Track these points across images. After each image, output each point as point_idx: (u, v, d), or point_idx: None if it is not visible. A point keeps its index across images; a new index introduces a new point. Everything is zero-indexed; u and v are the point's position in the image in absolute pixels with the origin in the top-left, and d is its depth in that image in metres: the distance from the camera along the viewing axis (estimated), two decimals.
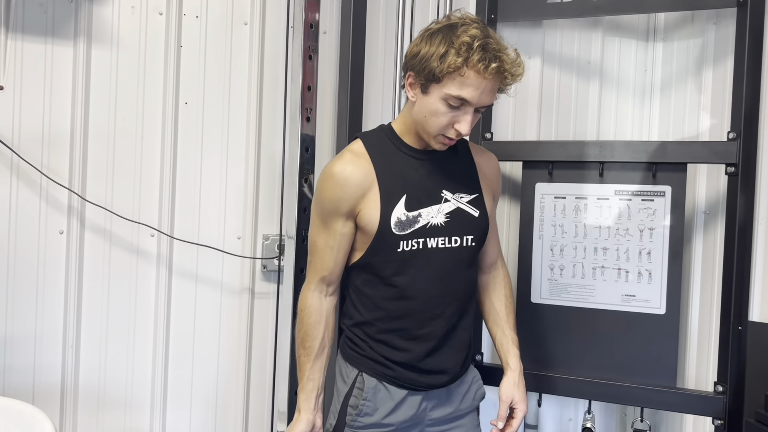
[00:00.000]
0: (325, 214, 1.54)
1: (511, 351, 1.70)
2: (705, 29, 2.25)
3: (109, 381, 2.06)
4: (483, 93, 1.43)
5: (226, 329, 2.16)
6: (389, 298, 1.56)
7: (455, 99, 1.43)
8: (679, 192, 2.04)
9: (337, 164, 1.53)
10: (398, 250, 1.52)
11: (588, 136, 2.41)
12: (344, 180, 1.51)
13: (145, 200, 2.07)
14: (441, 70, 1.41)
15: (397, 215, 1.51)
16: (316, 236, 1.57)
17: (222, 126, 2.13)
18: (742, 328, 1.94)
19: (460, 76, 1.40)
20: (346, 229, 1.54)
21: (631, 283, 2.09)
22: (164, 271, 2.10)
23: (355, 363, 1.60)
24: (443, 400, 1.64)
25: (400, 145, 1.58)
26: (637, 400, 2.06)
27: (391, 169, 1.54)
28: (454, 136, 1.50)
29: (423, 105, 1.49)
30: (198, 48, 2.10)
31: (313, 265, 1.59)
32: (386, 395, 1.58)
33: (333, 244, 1.55)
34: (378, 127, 1.66)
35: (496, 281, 1.77)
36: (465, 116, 1.46)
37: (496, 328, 1.74)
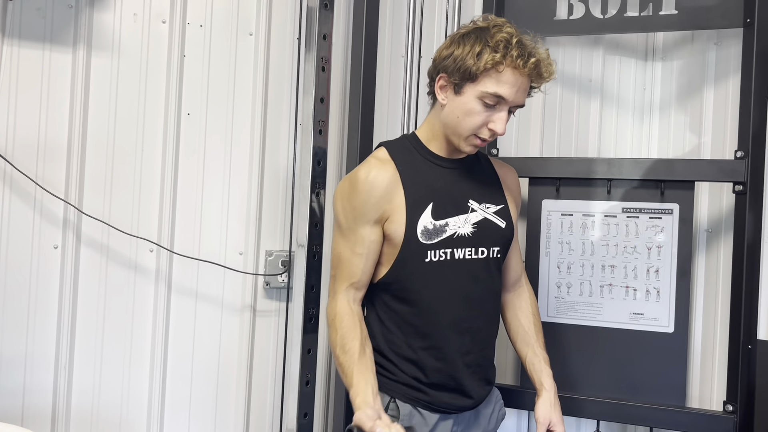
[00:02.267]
0: (352, 221, 1.49)
1: (545, 371, 1.67)
2: (706, 49, 2.27)
3: (104, 403, 1.96)
4: (519, 91, 1.44)
5: (227, 349, 2.09)
6: (418, 313, 1.52)
7: (492, 96, 1.42)
8: (687, 210, 2.04)
9: (362, 169, 1.50)
10: (426, 261, 1.48)
11: (589, 153, 2.41)
12: (371, 184, 1.47)
13: (144, 214, 2.00)
14: (478, 67, 1.40)
15: (424, 223, 1.48)
16: (341, 247, 1.52)
17: (225, 138, 2.07)
18: (752, 346, 1.94)
19: (498, 72, 1.40)
20: (374, 236, 1.49)
21: (639, 301, 2.08)
22: (163, 288, 2.02)
23: (386, 389, 1.54)
24: (471, 423, 1.60)
25: (425, 153, 1.55)
26: (645, 420, 2.04)
27: (417, 176, 1.51)
28: (488, 137, 1.48)
29: (456, 106, 1.46)
30: (201, 58, 2.05)
31: (340, 275, 1.53)
32: (421, 421, 1.52)
33: (361, 252, 1.50)
34: (401, 136, 1.63)
35: (522, 299, 1.74)
36: (500, 115, 1.45)
37: (526, 348, 1.70)
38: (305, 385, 1.78)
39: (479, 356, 1.58)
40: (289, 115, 2.12)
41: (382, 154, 1.54)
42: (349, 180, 1.52)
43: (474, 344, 1.56)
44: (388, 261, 1.51)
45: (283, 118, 2.11)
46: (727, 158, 2.13)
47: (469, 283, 1.53)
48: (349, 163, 1.86)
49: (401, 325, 1.53)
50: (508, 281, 1.72)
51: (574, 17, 2.17)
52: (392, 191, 1.48)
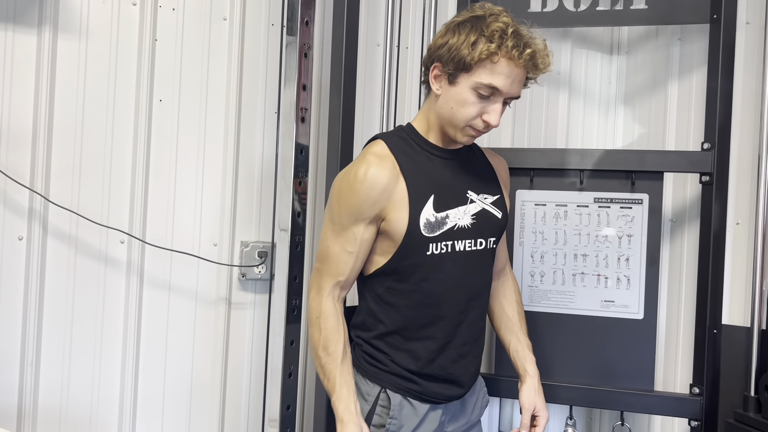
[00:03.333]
0: (345, 219, 1.46)
1: (528, 357, 1.68)
2: (670, 44, 2.34)
3: (73, 401, 1.88)
4: (514, 82, 1.41)
5: (201, 342, 2.03)
6: (416, 306, 1.50)
7: (486, 87, 1.40)
8: (656, 200, 2.10)
9: (361, 167, 1.45)
10: (427, 254, 1.46)
11: (558, 143, 2.46)
12: (369, 183, 1.43)
13: (114, 203, 1.92)
14: (472, 57, 1.38)
15: (426, 216, 1.46)
16: (331, 242, 1.49)
17: (198, 126, 2.01)
18: (717, 331, 2.02)
19: (492, 63, 1.38)
20: (368, 234, 1.47)
21: (611, 289, 2.13)
22: (135, 281, 1.94)
23: (377, 379, 1.52)
24: (458, 412, 1.60)
25: (424, 145, 1.53)
26: (616, 404, 2.09)
27: (417, 169, 1.49)
28: (482, 128, 1.46)
29: (450, 96, 1.45)
30: (174, 43, 1.98)
31: (327, 271, 1.50)
32: (411, 411, 1.52)
33: (352, 250, 1.47)
34: (396, 127, 1.61)
35: (506, 287, 1.75)
36: (494, 106, 1.43)
37: (509, 335, 1.71)
38: (288, 377, 1.75)
39: (473, 347, 1.58)
40: (264, 103, 2.07)
41: (380, 149, 1.50)
42: (347, 176, 1.48)
43: (470, 335, 1.56)
44: (386, 253, 1.49)
45: (258, 105, 2.06)
46: (692, 150, 2.21)
47: (468, 275, 1.53)
48: (330, 152, 1.83)
49: (396, 317, 1.52)
50: (495, 270, 1.73)
51: (548, 9, 2.20)
52: (392, 188, 1.45)
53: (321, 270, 1.52)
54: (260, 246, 2.03)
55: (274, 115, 2.08)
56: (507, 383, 2.07)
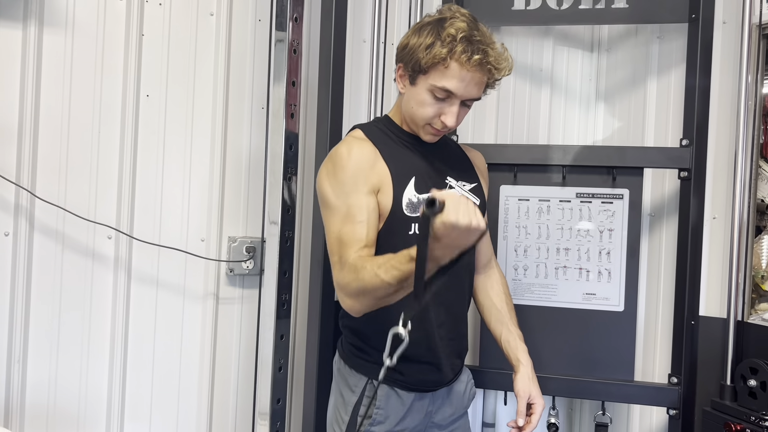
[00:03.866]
0: (344, 196, 1.43)
1: (520, 347, 1.70)
2: (649, 42, 2.39)
3: (60, 397, 1.87)
4: (468, 85, 1.44)
5: (189, 337, 2.04)
6: None
7: (440, 90, 1.43)
8: (637, 195, 2.15)
9: (342, 146, 1.48)
10: (409, 233, 1.49)
11: (540, 140, 2.50)
12: (356, 157, 1.45)
13: (102, 199, 1.91)
14: (426, 61, 1.42)
15: (408, 196, 1.49)
16: (339, 225, 1.43)
17: (186, 121, 2.01)
18: (695, 322, 2.08)
19: (444, 67, 1.41)
20: (372, 203, 1.44)
21: (592, 282, 2.18)
22: (123, 276, 1.94)
23: (364, 371, 1.55)
24: (445, 401, 1.63)
25: (401, 134, 1.57)
26: (598, 395, 2.14)
27: (396, 153, 1.52)
28: (440, 128, 1.50)
29: (411, 96, 1.49)
30: (161, 37, 1.97)
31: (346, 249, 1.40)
32: (397, 401, 1.54)
33: (362, 219, 1.42)
34: (374, 119, 1.63)
35: (493, 279, 1.78)
36: (451, 108, 1.46)
37: (500, 327, 1.74)
38: (278, 371, 1.77)
39: (452, 329, 1.61)
40: (251, 99, 2.08)
41: (358, 134, 1.54)
42: (331, 159, 1.49)
43: (447, 316, 1.58)
44: None
45: (245, 101, 2.06)
46: (670, 146, 2.26)
47: None
48: (318, 148, 1.85)
49: None
50: (479, 263, 1.76)
51: (531, 8, 2.23)
52: (376, 165, 1.48)
53: (340, 256, 1.42)
54: (248, 241, 2.04)
55: (261, 111, 2.09)
56: (491, 375, 2.11)
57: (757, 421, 1.81)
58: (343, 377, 1.58)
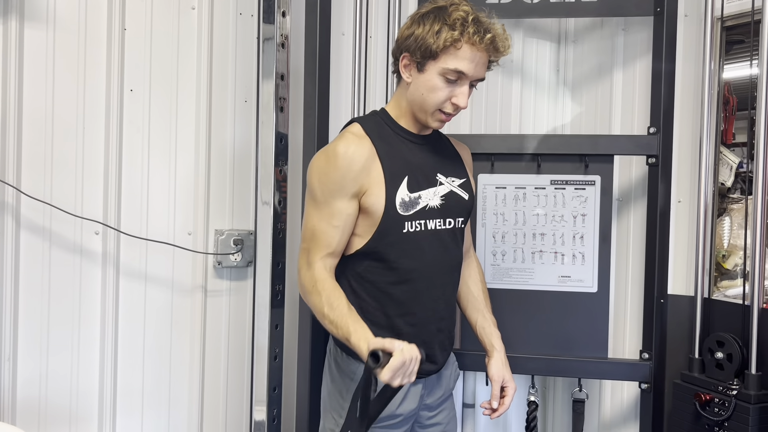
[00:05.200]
0: (328, 195, 1.52)
1: (494, 333, 1.78)
2: (614, 34, 2.49)
3: (52, 393, 1.87)
4: (477, 65, 1.52)
5: (178, 330, 2.05)
6: (395, 283, 1.58)
7: (453, 72, 1.50)
8: (608, 181, 2.25)
9: (340, 144, 1.52)
10: (404, 231, 1.55)
11: (512, 129, 2.58)
12: (350, 159, 1.50)
13: (88, 194, 1.91)
14: (437, 45, 1.48)
15: (401, 196, 1.54)
16: (316, 220, 1.54)
17: (170, 116, 2.02)
18: (664, 300, 2.20)
19: (456, 49, 1.48)
20: (351, 209, 1.53)
21: (567, 265, 2.27)
22: (111, 272, 1.94)
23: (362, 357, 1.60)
24: (435, 385, 1.69)
25: (397, 129, 1.61)
26: (575, 372, 2.25)
27: (392, 151, 1.57)
28: (452, 111, 1.56)
29: (420, 83, 1.54)
30: (143, 32, 1.97)
31: (316, 247, 1.54)
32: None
33: (338, 224, 1.52)
34: (371, 112, 1.68)
35: (471, 268, 1.85)
36: (462, 89, 1.53)
37: (476, 313, 1.81)
38: (274, 360, 1.80)
39: (448, 322, 1.68)
40: (234, 92, 2.09)
41: (357, 130, 1.58)
42: (326, 154, 1.54)
43: (446, 310, 1.66)
44: (366, 233, 1.56)
45: (229, 94, 2.08)
46: (636, 134, 2.37)
47: (441, 252, 1.62)
48: (306, 140, 1.88)
49: (377, 295, 1.59)
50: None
51: (505, 1, 2.30)
52: (370, 165, 1.53)
53: (309, 248, 1.56)
54: (235, 234, 2.06)
55: (245, 104, 2.10)
56: (472, 357, 2.18)
57: (724, 391, 1.94)
58: (339, 365, 1.62)
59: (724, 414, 1.92)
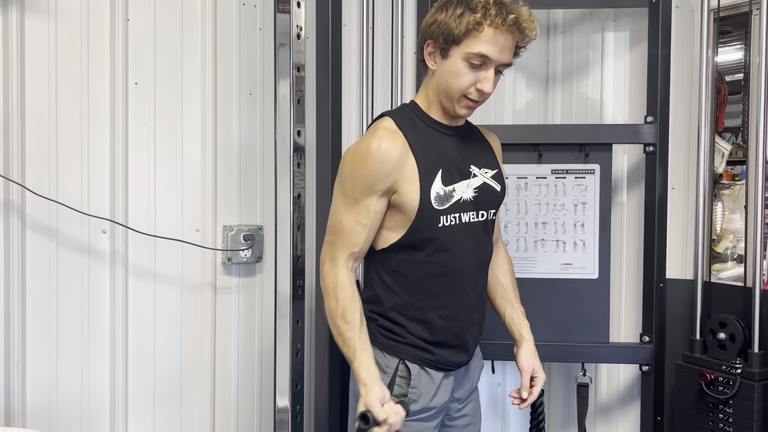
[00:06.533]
0: (358, 191, 1.50)
1: (524, 323, 1.79)
2: (604, 25, 2.54)
3: (62, 398, 1.80)
4: (502, 49, 1.48)
5: (189, 328, 2.00)
6: (430, 276, 1.57)
7: (476, 56, 1.47)
8: (607, 169, 2.30)
9: (374, 141, 1.50)
10: (439, 226, 1.54)
11: (505, 120, 2.61)
12: (383, 156, 1.48)
13: (94, 192, 1.84)
14: (460, 30, 1.46)
15: (436, 190, 1.53)
16: (343, 214, 1.52)
17: (175, 109, 1.96)
18: (663, 285, 2.27)
19: (479, 32, 1.45)
20: (380, 206, 1.52)
21: (568, 252, 2.32)
22: (120, 270, 1.88)
23: (395, 351, 1.58)
24: (464, 377, 1.70)
25: (428, 121, 1.60)
26: (578, 357, 2.30)
27: (425, 144, 1.55)
28: (477, 97, 1.53)
29: (444, 69, 1.52)
30: (147, 22, 1.90)
31: (341, 243, 1.53)
32: (428, 380, 1.59)
33: (365, 222, 1.51)
34: (401, 105, 1.66)
35: (500, 258, 1.85)
36: (487, 74, 1.50)
37: (504, 303, 1.81)
38: (296, 356, 1.78)
39: (480, 313, 1.68)
40: (239, 84, 2.05)
41: (389, 124, 1.56)
42: (359, 149, 1.52)
43: (478, 302, 1.66)
44: (400, 227, 1.55)
45: (233, 87, 2.03)
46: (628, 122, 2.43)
47: (474, 245, 1.62)
48: (319, 133, 1.86)
49: (411, 289, 1.58)
50: None
51: None
52: (403, 162, 1.51)
53: (334, 242, 1.54)
54: (245, 229, 2.02)
55: (250, 97, 2.06)
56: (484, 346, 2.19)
57: (728, 370, 2.01)
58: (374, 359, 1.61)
59: (729, 392, 1.99)
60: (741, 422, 1.97)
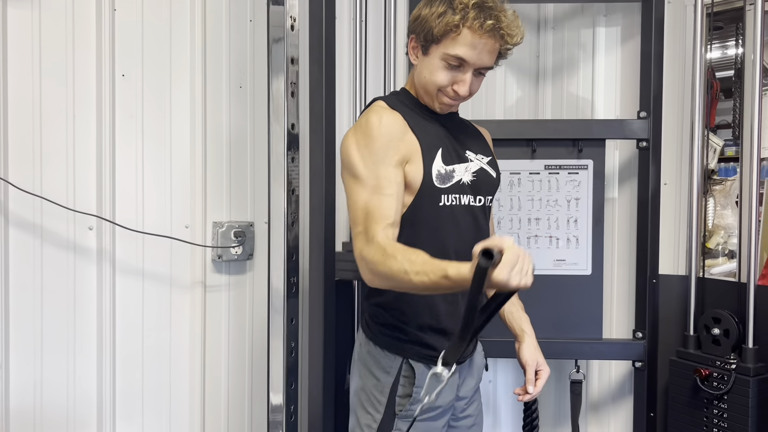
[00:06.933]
0: (373, 166, 1.42)
1: (524, 317, 1.76)
2: (595, 21, 2.53)
3: (47, 400, 1.75)
4: (480, 53, 1.45)
5: (178, 328, 1.95)
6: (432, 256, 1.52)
7: (453, 58, 1.44)
8: (600, 165, 2.29)
9: (372, 115, 1.46)
10: (440, 204, 1.50)
11: (496, 115, 2.59)
12: (387, 126, 1.44)
13: (80, 187, 1.78)
14: (439, 30, 1.43)
15: (437, 168, 1.50)
16: (365, 197, 1.42)
17: (163, 102, 1.91)
18: (656, 281, 2.26)
19: (457, 35, 1.42)
20: (399, 177, 1.45)
21: (561, 248, 2.30)
22: (108, 268, 1.82)
23: (398, 350, 1.54)
24: (467, 374, 1.67)
25: (421, 107, 1.57)
26: (571, 354, 2.28)
27: (422, 124, 1.52)
28: (453, 97, 1.51)
29: (424, 65, 1.50)
30: (134, 12, 1.84)
31: (373, 221, 1.40)
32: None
33: (391, 192, 1.42)
34: (391, 92, 1.63)
35: None
36: (464, 77, 1.47)
37: None
38: (290, 355, 1.74)
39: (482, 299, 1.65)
40: (229, 77, 2.00)
41: (384, 104, 1.52)
42: (361, 127, 1.47)
43: None
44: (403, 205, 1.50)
45: (223, 79, 1.98)
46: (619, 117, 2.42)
47: (475, 228, 1.58)
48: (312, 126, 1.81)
49: None
50: None
51: None
52: (405, 135, 1.47)
53: (365, 229, 1.41)
54: (236, 226, 1.97)
55: (240, 90, 2.01)
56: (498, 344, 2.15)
57: (722, 365, 2.01)
58: (374, 359, 1.56)
59: (724, 387, 1.99)
60: (736, 417, 1.97)
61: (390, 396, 1.53)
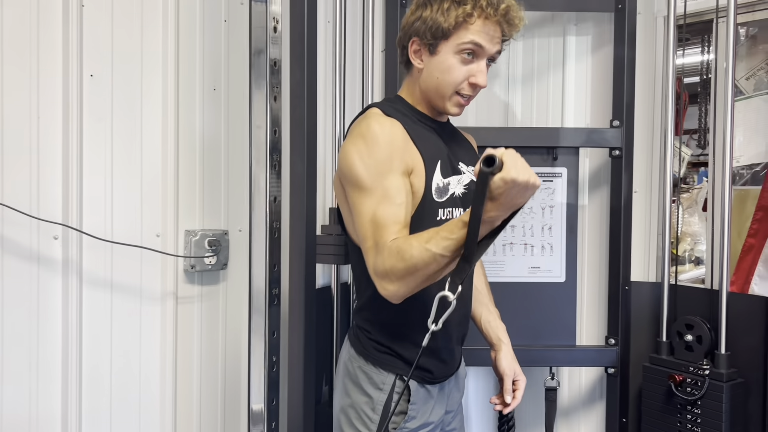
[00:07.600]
0: (379, 176, 1.35)
1: (500, 326, 1.74)
2: (565, 29, 2.55)
3: (8, 424, 1.62)
4: (493, 39, 1.45)
5: (148, 342, 1.85)
6: None
7: (470, 44, 1.42)
8: (573, 173, 2.30)
9: (373, 123, 1.39)
10: (437, 219, 1.46)
11: (468, 122, 2.57)
12: (389, 134, 1.38)
13: (45, 193, 1.67)
14: (449, 23, 1.41)
15: (437, 181, 1.45)
16: (373, 208, 1.34)
17: (134, 104, 1.81)
18: (628, 287, 2.28)
19: (470, 24, 1.41)
20: (407, 186, 1.39)
21: (536, 256, 2.30)
22: (74, 280, 1.71)
23: (390, 367, 1.50)
24: (454, 387, 1.64)
25: (418, 115, 1.52)
26: (546, 361, 2.29)
27: (421, 134, 1.47)
28: (471, 92, 1.48)
29: (434, 66, 1.46)
30: (104, 9, 1.74)
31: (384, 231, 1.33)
32: (426, 394, 1.52)
33: (401, 201, 1.35)
34: (385, 99, 1.58)
35: None
36: (479, 67, 1.45)
37: (480, 307, 1.77)
38: (271, 370, 1.67)
39: (468, 316, 1.63)
40: (202, 79, 1.91)
41: (381, 111, 1.46)
42: (361, 135, 1.39)
43: (468, 305, 1.61)
44: None
45: (196, 81, 1.89)
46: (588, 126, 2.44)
47: None
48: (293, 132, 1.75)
49: None
50: None
51: None
52: (407, 145, 1.42)
53: (377, 242, 1.34)
54: (210, 234, 1.89)
55: (213, 92, 1.93)
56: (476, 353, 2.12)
57: (695, 371, 2.04)
58: (366, 375, 1.51)
59: (698, 393, 2.02)
60: (709, 423, 2.00)
61: (382, 414, 1.48)
